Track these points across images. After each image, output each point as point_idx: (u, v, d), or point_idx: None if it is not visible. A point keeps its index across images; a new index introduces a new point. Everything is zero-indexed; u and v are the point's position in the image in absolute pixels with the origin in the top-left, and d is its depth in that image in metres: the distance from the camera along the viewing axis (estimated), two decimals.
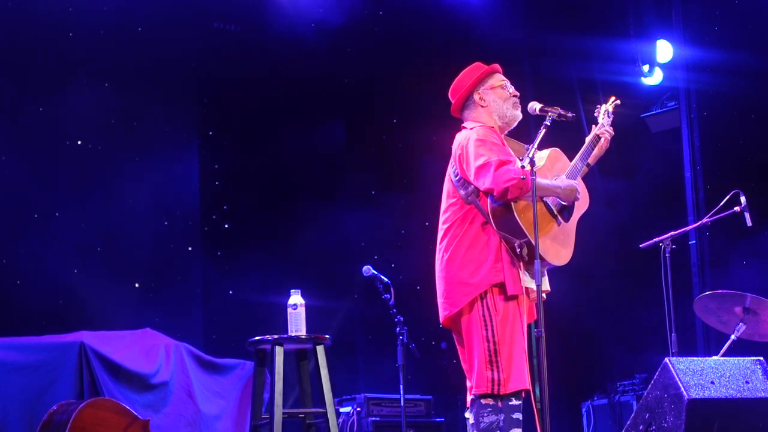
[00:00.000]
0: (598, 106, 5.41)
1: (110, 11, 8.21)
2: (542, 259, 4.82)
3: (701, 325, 8.35)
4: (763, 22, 8.47)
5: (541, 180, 4.83)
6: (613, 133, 5.30)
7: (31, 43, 7.91)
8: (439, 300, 5.00)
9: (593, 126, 5.31)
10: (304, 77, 9.19)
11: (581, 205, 5.16)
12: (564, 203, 5.05)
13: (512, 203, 4.79)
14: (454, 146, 5.08)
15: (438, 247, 5.03)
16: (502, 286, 4.84)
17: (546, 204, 4.99)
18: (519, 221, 4.78)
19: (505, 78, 5.19)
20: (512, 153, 5.01)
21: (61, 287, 7.82)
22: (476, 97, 5.13)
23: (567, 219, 5.07)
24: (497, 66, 5.20)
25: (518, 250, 4.83)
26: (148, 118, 8.54)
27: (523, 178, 4.70)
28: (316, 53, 9.19)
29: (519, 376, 4.79)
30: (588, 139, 5.25)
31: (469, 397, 4.88)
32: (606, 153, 5.33)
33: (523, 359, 4.83)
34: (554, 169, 5.09)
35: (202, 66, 8.86)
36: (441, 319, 5.00)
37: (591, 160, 5.26)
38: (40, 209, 7.93)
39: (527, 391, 4.84)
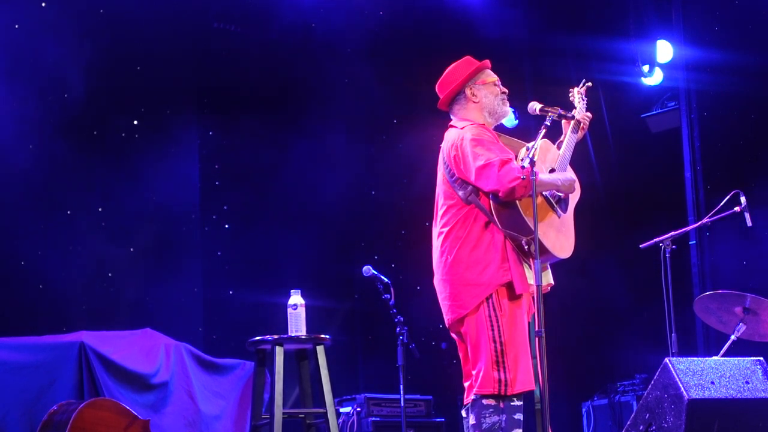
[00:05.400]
0: (570, 90, 5.38)
1: (110, 11, 8.21)
2: (548, 252, 4.83)
3: (701, 325, 8.35)
4: (763, 22, 8.47)
5: (542, 176, 4.80)
6: (591, 116, 5.28)
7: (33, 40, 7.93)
8: (444, 303, 4.94)
9: (573, 110, 5.25)
10: (304, 77, 9.19)
11: (575, 195, 5.14)
12: (560, 195, 5.04)
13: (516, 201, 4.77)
14: (446, 146, 5.02)
15: (438, 249, 4.97)
16: (509, 286, 4.81)
17: (545, 197, 4.96)
18: (525, 218, 4.75)
19: (495, 74, 5.17)
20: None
21: (61, 287, 7.82)
22: (468, 92, 5.09)
23: (564, 210, 5.05)
24: (488, 62, 5.17)
25: (526, 247, 4.79)
26: (147, 118, 8.54)
27: (524, 178, 4.68)
28: (316, 53, 9.19)
29: (525, 377, 4.77)
30: (570, 128, 5.17)
31: (470, 397, 4.86)
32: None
33: (529, 360, 4.81)
34: (546, 161, 5.05)
35: (202, 66, 8.86)
36: (447, 323, 4.95)
37: None
38: (40, 210, 7.93)
39: (531, 392, 4.84)
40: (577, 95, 5.33)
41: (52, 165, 7.94)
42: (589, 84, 5.38)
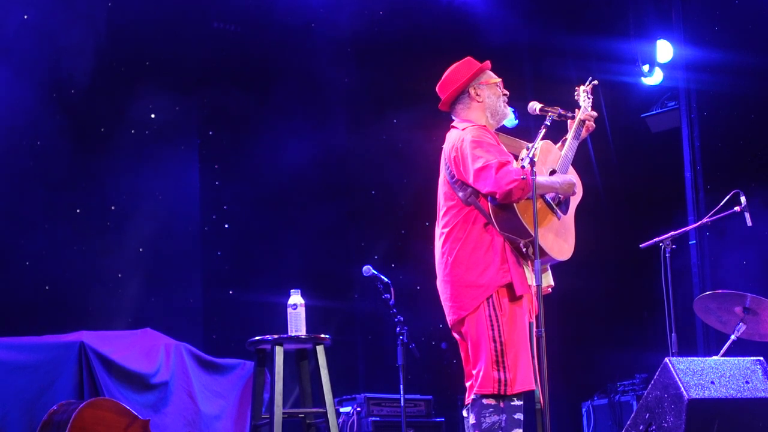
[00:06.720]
0: (576, 88, 5.37)
1: (111, 11, 8.22)
2: (547, 255, 4.82)
3: (701, 325, 8.35)
4: (763, 22, 8.47)
5: (539, 178, 4.78)
6: (597, 115, 5.27)
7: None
8: (446, 304, 4.94)
9: (576, 110, 5.25)
10: (303, 77, 9.20)
11: (576, 196, 5.12)
12: (560, 197, 5.03)
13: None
14: (447, 147, 5.02)
15: (440, 250, 4.97)
16: (509, 287, 4.81)
17: (544, 198, 4.94)
18: (522, 220, 4.74)
19: (497, 76, 5.16)
20: (505, 150, 4.98)
21: (61, 287, 7.82)
22: (472, 92, 5.07)
23: (565, 212, 5.04)
24: (489, 63, 5.16)
25: (524, 249, 4.80)
26: (148, 118, 8.54)
27: (523, 178, 4.67)
28: (316, 53, 9.19)
29: (525, 377, 4.77)
30: (574, 126, 5.15)
31: (470, 397, 4.86)
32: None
33: (529, 359, 4.81)
34: (547, 162, 5.04)
35: (202, 66, 8.86)
36: (449, 323, 4.95)
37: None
38: (39, 209, 7.93)
39: (531, 391, 4.83)
40: (583, 93, 5.32)
41: (56, 164, 7.94)
42: (596, 82, 5.39)
